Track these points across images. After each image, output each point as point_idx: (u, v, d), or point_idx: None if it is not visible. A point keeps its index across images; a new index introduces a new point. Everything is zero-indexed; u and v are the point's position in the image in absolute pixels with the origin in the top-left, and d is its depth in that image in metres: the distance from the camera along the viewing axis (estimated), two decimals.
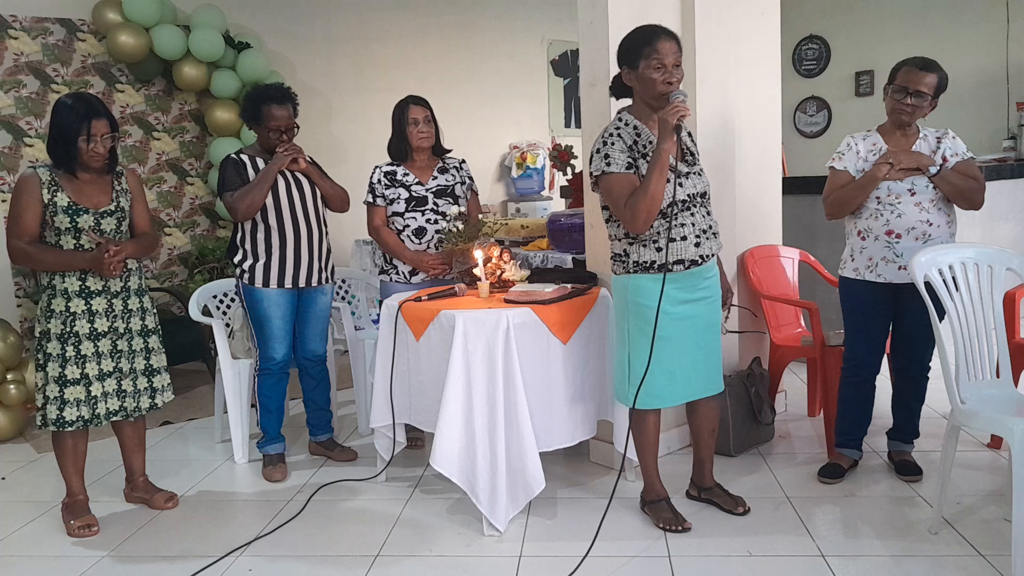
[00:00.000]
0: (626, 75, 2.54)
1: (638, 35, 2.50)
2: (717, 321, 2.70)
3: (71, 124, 2.70)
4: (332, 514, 2.96)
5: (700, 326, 2.63)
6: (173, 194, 5.37)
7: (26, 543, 2.84)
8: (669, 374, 2.60)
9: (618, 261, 2.62)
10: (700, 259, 2.56)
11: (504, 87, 6.79)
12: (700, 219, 2.56)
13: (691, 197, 2.55)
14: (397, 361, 3.00)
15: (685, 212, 2.53)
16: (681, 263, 2.53)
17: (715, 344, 2.70)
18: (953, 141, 2.89)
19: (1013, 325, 3.16)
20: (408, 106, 3.34)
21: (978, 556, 2.43)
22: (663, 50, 2.43)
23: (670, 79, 2.44)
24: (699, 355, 2.64)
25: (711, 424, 2.80)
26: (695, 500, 2.86)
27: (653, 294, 2.51)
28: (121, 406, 2.90)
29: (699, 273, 2.59)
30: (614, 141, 2.51)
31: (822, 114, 7.53)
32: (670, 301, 2.53)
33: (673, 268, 2.52)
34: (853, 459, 3.08)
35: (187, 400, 4.55)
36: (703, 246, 2.56)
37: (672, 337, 2.57)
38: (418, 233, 3.34)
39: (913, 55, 2.88)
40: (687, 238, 2.52)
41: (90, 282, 2.80)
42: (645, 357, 2.55)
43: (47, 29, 4.84)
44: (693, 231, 2.53)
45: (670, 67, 2.44)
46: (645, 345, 2.55)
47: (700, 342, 2.63)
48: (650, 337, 2.53)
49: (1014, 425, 2.26)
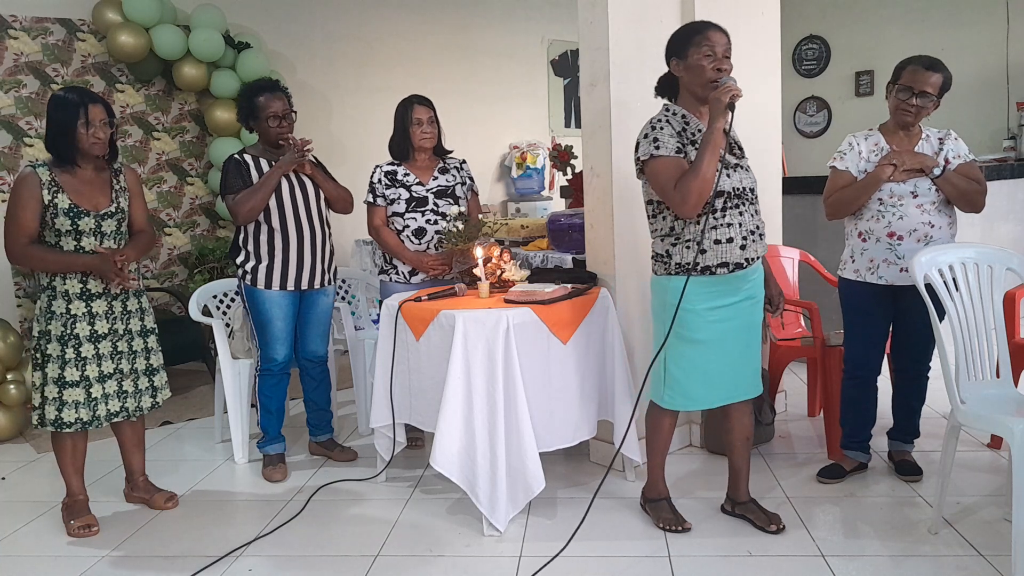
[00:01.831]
0: (675, 66, 2.50)
1: (690, 27, 2.50)
2: (758, 322, 2.62)
3: (68, 113, 2.69)
4: (332, 514, 2.96)
5: (740, 328, 2.55)
6: (173, 194, 5.37)
7: (26, 543, 2.84)
8: (704, 376, 2.54)
9: (659, 261, 2.55)
10: (745, 262, 2.48)
11: (504, 87, 6.79)
12: (748, 219, 2.48)
13: (739, 192, 2.47)
14: (397, 361, 3.00)
15: (733, 210, 2.45)
16: (725, 266, 2.45)
17: (755, 345, 2.62)
18: (955, 143, 2.88)
19: (1013, 325, 3.16)
20: (412, 105, 3.33)
21: (978, 556, 2.43)
22: (714, 39, 2.41)
23: (720, 66, 2.41)
24: (737, 357, 2.57)
25: (744, 432, 2.69)
26: (729, 515, 2.76)
27: (691, 297, 2.45)
28: (122, 406, 2.90)
29: (743, 275, 2.51)
30: (663, 126, 2.46)
31: (822, 114, 7.53)
32: (705, 303, 2.47)
33: (717, 271, 2.45)
34: (859, 461, 3.06)
35: (187, 400, 4.55)
36: (749, 248, 2.47)
37: (709, 340, 2.50)
38: (418, 233, 3.34)
39: (914, 54, 2.85)
40: (733, 240, 2.44)
41: (91, 284, 2.79)
42: (680, 359, 2.52)
43: (47, 29, 4.84)
44: (740, 232, 2.45)
45: (720, 56, 2.41)
46: (681, 347, 2.51)
47: (740, 344, 2.56)
48: (687, 339, 2.49)
49: (1014, 425, 2.26)
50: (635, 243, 3.18)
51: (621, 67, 3.06)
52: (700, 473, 3.15)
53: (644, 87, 3.15)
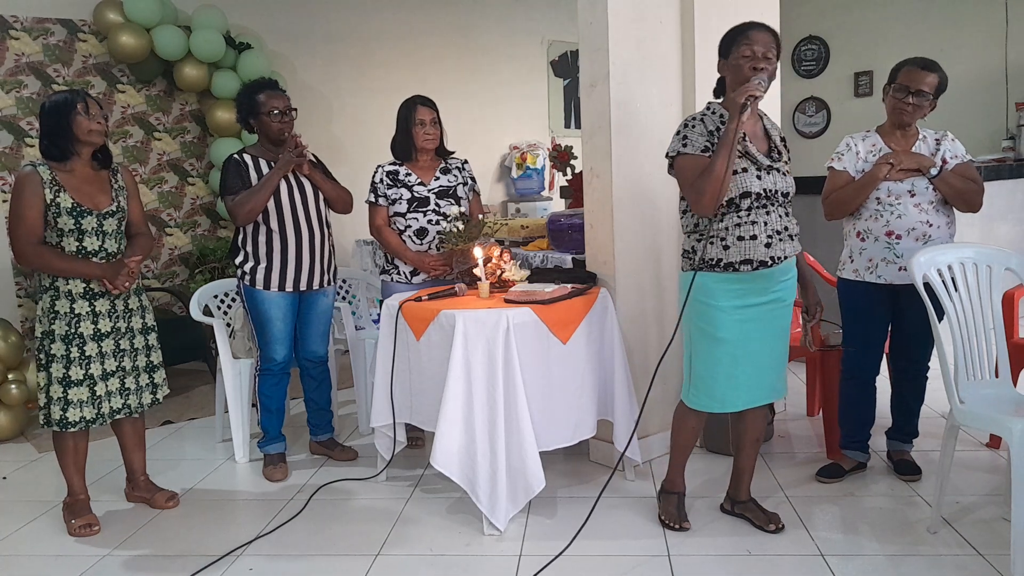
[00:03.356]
0: (720, 66, 2.49)
1: (736, 27, 2.47)
2: (787, 325, 2.58)
3: (66, 104, 2.70)
4: (332, 514, 2.96)
5: (766, 329, 2.51)
6: (174, 194, 5.38)
7: (27, 542, 2.85)
8: (730, 378, 2.51)
9: (686, 257, 2.54)
10: (771, 260, 2.44)
11: (504, 87, 6.80)
12: (776, 219, 2.45)
13: (769, 193, 2.43)
14: (397, 361, 3.01)
15: (760, 209, 2.42)
16: (749, 263, 2.42)
17: (783, 349, 2.59)
18: (952, 143, 2.89)
19: (1012, 325, 3.17)
20: (416, 106, 3.33)
21: (977, 556, 2.43)
22: (755, 38, 2.38)
23: (757, 64, 2.37)
24: (763, 360, 2.53)
25: (756, 433, 2.67)
26: (728, 514, 2.77)
27: (716, 294, 2.45)
28: (125, 403, 2.91)
29: (771, 275, 2.47)
30: (695, 125, 2.46)
31: (821, 114, 7.53)
32: (731, 301, 2.46)
33: (740, 268, 2.43)
34: (858, 461, 3.07)
35: (188, 400, 4.56)
36: (775, 247, 2.44)
37: (734, 340, 2.47)
38: (419, 234, 3.35)
39: (913, 55, 2.87)
40: (757, 237, 2.41)
41: (93, 283, 2.80)
42: (706, 357, 2.51)
43: (48, 30, 4.85)
44: (765, 230, 2.42)
45: (759, 56, 2.38)
46: (706, 345, 2.50)
47: (766, 346, 2.53)
48: (712, 337, 2.48)
49: (1013, 425, 2.26)
50: (635, 243, 3.19)
51: (621, 67, 3.06)
52: (700, 473, 3.15)
53: (644, 87, 3.17)
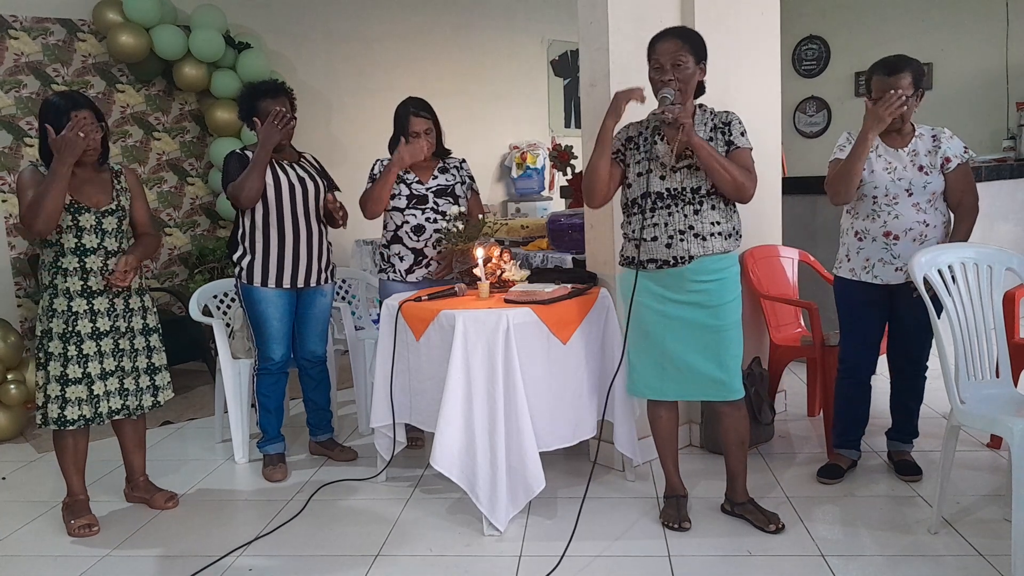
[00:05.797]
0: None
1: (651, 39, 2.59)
2: (720, 326, 2.58)
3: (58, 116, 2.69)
4: (332, 514, 2.96)
5: (692, 328, 2.58)
6: (173, 194, 5.38)
7: (26, 543, 2.84)
8: (658, 368, 2.66)
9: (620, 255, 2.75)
10: (674, 260, 2.54)
11: (504, 87, 6.80)
12: (679, 219, 2.53)
13: (674, 193, 2.54)
14: (397, 361, 3.00)
15: (663, 210, 2.55)
16: (654, 262, 2.58)
17: (718, 349, 2.58)
18: (951, 141, 2.87)
19: (1013, 325, 3.16)
20: (410, 116, 3.30)
21: (977, 556, 2.43)
22: (659, 50, 2.53)
23: (664, 77, 2.50)
24: (695, 357, 2.59)
25: (736, 436, 2.70)
26: (729, 515, 2.77)
27: (640, 290, 2.62)
28: (123, 404, 2.90)
29: (681, 275, 2.55)
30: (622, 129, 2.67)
31: (822, 114, 7.53)
32: (652, 297, 2.62)
33: (647, 266, 2.59)
34: (851, 459, 3.08)
35: (187, 400, 4.55)
36: (676, 247, 2.53)
37: (656, 333, 2.63)
38: (417, 231, 3.34)
39: (898, 54, 2.78)
40: (657, 238, 2.55)
41: (92, 282, 2.80)
42: (637, 348, 2.69)
43: (47, 29, 4.85)
44: (666, 231, 2.54)
45: (666, 67, 2.50)
46: (636, 337, 2.69)
47: (695, 344, 2.59)
48: (641, 330, 2.66)
49: (1014, 425, 2.26)
50: None
51: (621, 67, 3.06)
52: (700, 473, 3.15)
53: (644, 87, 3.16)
